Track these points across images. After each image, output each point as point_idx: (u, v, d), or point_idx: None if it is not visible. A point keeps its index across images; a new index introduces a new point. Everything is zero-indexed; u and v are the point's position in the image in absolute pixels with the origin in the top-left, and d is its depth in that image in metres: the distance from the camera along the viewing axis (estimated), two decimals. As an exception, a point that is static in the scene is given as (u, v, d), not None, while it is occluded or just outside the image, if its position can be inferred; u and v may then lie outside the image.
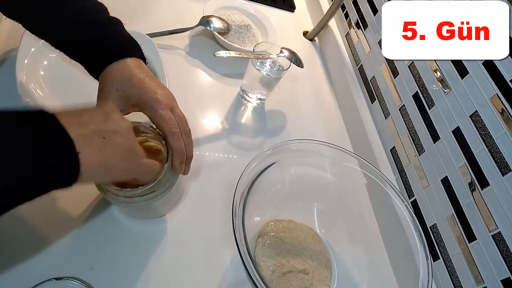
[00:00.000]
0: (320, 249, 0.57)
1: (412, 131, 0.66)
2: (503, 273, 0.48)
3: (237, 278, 0.52)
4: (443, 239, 0.57)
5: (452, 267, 0.55)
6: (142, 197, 0.43)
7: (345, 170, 0.56)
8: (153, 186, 0.43)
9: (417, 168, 0.64)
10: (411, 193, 0.65)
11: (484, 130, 0.52)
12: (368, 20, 0.82)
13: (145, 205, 0.45)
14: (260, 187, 0.50)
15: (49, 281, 0.42)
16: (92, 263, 0.46)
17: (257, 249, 0.54)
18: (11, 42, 0.59)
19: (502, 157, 0.50)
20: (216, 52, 0.66)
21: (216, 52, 0.66)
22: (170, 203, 0.53)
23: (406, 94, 0.68)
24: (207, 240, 0.54)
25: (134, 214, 0.52)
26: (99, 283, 0.45)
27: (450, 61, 0.59)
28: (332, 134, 0.78)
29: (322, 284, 0.53)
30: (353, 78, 0.84)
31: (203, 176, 0.60)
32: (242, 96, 0.75)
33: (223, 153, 0.65)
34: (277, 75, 0.70)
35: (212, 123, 0.69)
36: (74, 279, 0.43)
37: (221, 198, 0.58)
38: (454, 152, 0.57)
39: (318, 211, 0.60)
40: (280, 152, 0.53)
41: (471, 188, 0.53)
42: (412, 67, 0.67)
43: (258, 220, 0.56)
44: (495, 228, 0.50)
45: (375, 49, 0.78)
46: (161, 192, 0.44)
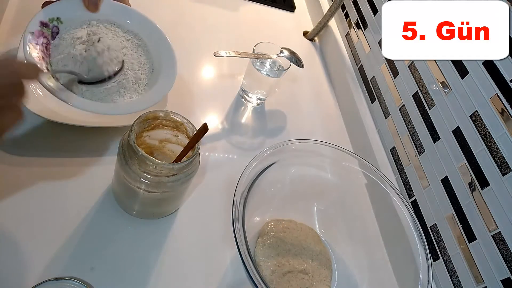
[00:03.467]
0: (320, 249, 0.57)
1: (412, 131, 0.66)
2: (503, 273, 0.48)
3: (237, 278, 0.52)
4: (443, 239, 0.57)
5: (452, 267, 0.55)
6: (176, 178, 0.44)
7: (345, 170, 0.56)
8: (189, 164, 0.44)
9: (417, 168, 0.64)
10: (411, 193, 0.65)
11: (484, 130, 0.52)
12: (368, 20, 0.82)
13: (172, 190, 0.46)
14: (260, 187, 0.50)
15: (49, 281, 0.42)
16: (92, 263, 0.46)
17: (257, 249, 0.54)
18: (11, 42, 0.59)
19: (502, 157, 0.50)
20: (216, 52, 0.66)
21: (216, 52, 0.66)
22: (182, 198, 0.54)
23: (406, 94, 0.68)
24: (207, 240, 0.54)
25: (149, 207, 0.52)
26: (99, 283, 0.45)
27: (450, 61, 0.59)
28: (332, 134, 0.78)
29: (322, 284, 0.53)
30: (353, 78, 0.84)
31: (203, 176, 0.60)
32: (242, 96, 0.75)
33: (223, 153, 0.65)
34: (277, 75, 0.70)
35: (212, 123, 0.69)
36: (74, 279, 0.43)
37: (221, 198, 0.58)
38: (454, 152, 0.57)
39: (318, 211, 0.60)
40: (280, 152, 0.53)
41: (471, 188, 0.53)
42: (412, 67, 0.67)
43: (258, 220, 0.56)
44: (495, 228, 0.50)
45: (375, 49, 0.78)
46: (192, 171, 0.46)
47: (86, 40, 0.48)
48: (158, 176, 0.44)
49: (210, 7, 0.90)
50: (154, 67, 0.54)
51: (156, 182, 0.44)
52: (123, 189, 0.49)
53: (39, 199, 0.49)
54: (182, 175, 0.45)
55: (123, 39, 0.52)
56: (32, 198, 0.49)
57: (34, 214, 0.48)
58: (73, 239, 0.47)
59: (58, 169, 0.52)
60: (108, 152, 0.56)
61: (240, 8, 0.95)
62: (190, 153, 0.46)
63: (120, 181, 0.47)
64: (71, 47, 0.47)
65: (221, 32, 0.86)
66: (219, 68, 0.79)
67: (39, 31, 0.46)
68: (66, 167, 0.53)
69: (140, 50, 0.53)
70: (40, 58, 0.45)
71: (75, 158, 0.54)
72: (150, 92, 0.51)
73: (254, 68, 0.68)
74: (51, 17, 0.47)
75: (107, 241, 0.49)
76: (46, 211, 0.48)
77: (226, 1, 0.94)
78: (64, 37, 0.48)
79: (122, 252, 0.48)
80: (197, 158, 0.47)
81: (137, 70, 0.52)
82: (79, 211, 0.50)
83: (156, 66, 0.54)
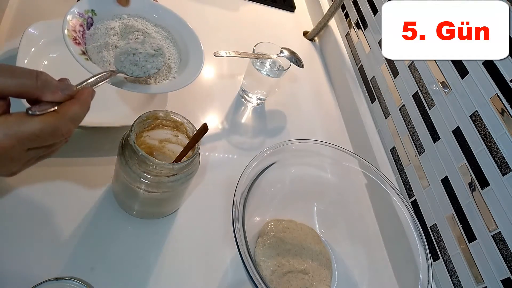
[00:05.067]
0: (320, 249, 0.57)
1: (412, 131, 0.66)
2: (503, 273, 0.48)
3: (237, 278, 0.52)
4: (443, 239, 0.57)
5: (452, 267, 0.55)
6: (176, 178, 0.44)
7: (345, 170, 0.56)
8: (189, 164, 0.45)
9: (417, 168, 0.64)
10: (411, 193, 0.65)
11: (484, 130, 0.52)
12: (368, 20, 0.82)
13: (172, 190, 0.47)
14: (260, 187, 0.50)
15: (49, 281, 0.42)
16: (92, 263, 0.46)
17: (257, 249, 0.54)
18: (11, 42, 0.59)
19: (502, 157, 0.50)
20: (216, 52, 0.66)
21: (216, 52, 0.66)
22: (182, 198, 0.54)
23: (406, 94, 0.68)
24: (207, 240, 0.54)
25: (149, 207, 0.52)
26: (99, 283, 0.45)
27: (450, 61, 0.59)
28: (332, 134, 0.78)
29: (322, 284, 0.53)
30: (353, 78, 0.84)
31: (203, 176, 0.60)
32: (242, 96, 0.75)
33: (223, 153, 0.65)
34: (277, 75, 0.70)
35: (212, 123, 0.69)
36: (74, 279, 0.43)
37: (221, 198, 0.58)
38: (454, 152, 0.57)
39: (318, 211, 0.60)
40: (280, 152, 0.53)
41: (471, 188, 0.53)
42: (412, 67, 0.67)
43: (258, 220, 0.56)
44: (495, 228, 0.50)
45: (375, 49, 0.78)
46: (192, 171, 0.46)
47: (119, 32, 0.52)
48: (158, 176, 0.44)
49: (210, 7, 0.90)
50: (182, 57, 0.57)
51: (156, 182, 0.44)
52: (123, 189, 0.49)
53: (39, 199, 0.49)
54: (182, 175, 0.45)
55: (152, 31, 0.56)
56: (32, 198, 0.49)
57: (34, 214, 0.48)
58: (73, 239, 0.47)
59: (58, 169, 0.52)
60: (108, 152, 0.56)
61: (240, 8, 0.95)
62: (190, 153, 0.46)
63: (120, 181, 0.47)
64: (106, 36, 0.51)
65: (221, 32, 0.86)
66: (219, 68, 0.79)
67: (76, 20, 0.49)
68: (66, 167, 0.53)
69: (168, 41, 0.57)
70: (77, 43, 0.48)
71: (75, 158, 0.54)
72: (182, 75, 0.55)
73: (254, 68, 0.68)
74: (86, 9, 0.51)
75: (107, 241, 0.49)
76: (46, 211, 0.48)
77: (226, 1, 0.94)
78: (99, 27, 0.51)
79: (122, 252, 0.48)
80: (197, 158, 0.47)
81: (167, 59, 0.55)
82: (79, 211, 0.50)
83: (184, 56, 0.57)
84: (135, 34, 0.53)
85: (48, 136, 0.31)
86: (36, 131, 0.30)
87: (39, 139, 0.31)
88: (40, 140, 0.31)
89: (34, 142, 0.31)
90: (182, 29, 0.58)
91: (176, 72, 0.55)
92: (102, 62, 0.50)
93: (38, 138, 0.31)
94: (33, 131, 0.30)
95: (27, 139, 0.30)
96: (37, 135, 0.30)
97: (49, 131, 0.31)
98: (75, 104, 0.33)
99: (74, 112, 0.33)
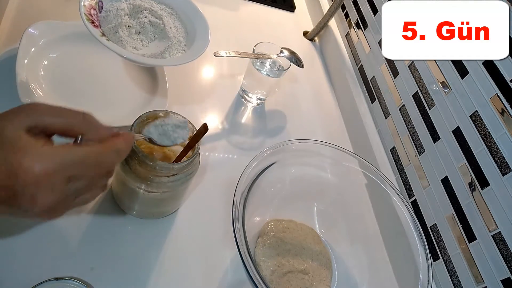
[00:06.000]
0: (320, 249, 0.57)
1: (412, 131, 0.66)
2: (503, 273, 0.48)
3: (237, 278, 0.52)
4: (443, 239, 0.57)
5: (452, 267, 0.55)
6: (176, 178, 0.45)
7: (345, 170, 0.56)
8: (189, 164, 0.45)
9: (417, 168, 0.64)
10: (411, 193, 0.65)
11: (484, 130, 0.52)
12: (368, 20, 0.82)
13: (172, 190, 0.47)
14: (260, 187, 0.50)
15: (49, 281, 0.42)
16: (92, 263, 0.46)
17: (257, 249, 0.54)
18: (11, 42, 0.59)
19: (502, 157, 0.50)
20: (216, 52, 0.66)
21: (216, 52, 0.66)
22: (182, 198, 0.54)
23: (406, 94, 0.68)
24: (207, 240, 0.54)
25: (149, 207, 0.52)
26: (99, 283, 0.45)
27: (450, 61, 0.59)
28: (332, 134, 0.78)
29: (322, 284, 0.53)
30: (353, 78, 0.84)
31: (203, 176, 0.60)
32: (242, 96, 0.75)
33: (223, 153, 0.65)
34: (277, 75, 0.70)
35: (212, 123, 0.69)
36: (74, 279, 0.43)
37: (221, 198, 0.58)
38: (454, 152, 0.57)
39: (318, 211, 0.60)
40: (280, 152, 0.53)
41: (471, 188, 0.53)
42: (412, 67, 0.67)
43: (258, 220, 0.56)
44: (495, 228, 0.50)
45: (375, 49, 0.78)
46: (192, 171, 0.47)
47: (128, 12, 0.57)
48: (158, 176, 0.44)
49: (210, 7, 0.90)
50: (188, 31, 0.63)
51: (156, 182, 0.44)
52: (123, 189, 0.49)
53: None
54: (182, 175, 0.45)
55: (157, 9, 0.60)
56: (32, 198, 0.48)
57: (34, 214, 0.48)
58: (73, 239, 0.47)
59: (58, 169, 0.52)
60: (108, 152, 0.56)
61: (240, 8, 0.95)
62: (190, 153, 0.46)
63: (120, 181, 0.47)
64: (118, 17, 0.55)
65: (221, 32, 0.86)
66: (219, 68, 0.79)
67: (89, 4, 0.53)
68: (66, 167, 0.53)
69: (173, 17, 0.62)
70: (95, 26, 0.52)
71: (75, 158, 0.54)
72: (192, 48, 0.60)
73: (254, 68, 0.68)
74: None
75: (107, 241, 0.49)
76: (46, 211, 0.48)
77: (226, 1, 0.94)
78: (110, 9, 0.56)
79: (122, 252, 0.48)
80: (197, 158, 0.47)
81: (176, 34, 0.60)
82: (79, 211, 0.50)
83: (190, 30, 0.63)
84: (143, 13, 0.58)
85: (92, 165, 0.31)
86: (81, 158, 0.30)
87: (82, 166, 0.31)
88: (83, 167, 0.31)
89: (77, 169, 0.30)
90: (184, 4, 0.63)
91: (186, 45, 0.61)
92: (120, 41, 0.55)
93: (82, 165, 0.30)
94: (77, 157, 0.30)
95: (70, 165, 0.29)
96: (81, 162, 0.30)
97: (94, 160, 0.31)
98: (120, 139, 0.34)
99: (118, 146, 0.33)
